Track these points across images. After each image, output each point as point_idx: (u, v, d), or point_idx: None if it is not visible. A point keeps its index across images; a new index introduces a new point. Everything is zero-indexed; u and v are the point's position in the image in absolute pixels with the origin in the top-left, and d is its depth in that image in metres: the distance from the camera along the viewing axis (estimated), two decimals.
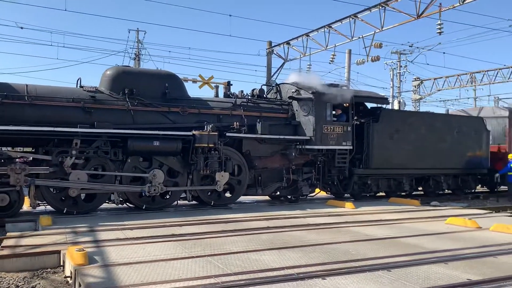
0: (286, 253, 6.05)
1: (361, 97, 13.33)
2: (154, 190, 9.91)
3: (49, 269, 5.91)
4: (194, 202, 11.40)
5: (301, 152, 11.97)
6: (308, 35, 20.33)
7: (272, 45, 22.91)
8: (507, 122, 17.94)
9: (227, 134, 10.80)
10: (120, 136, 9.74)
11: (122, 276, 4.83)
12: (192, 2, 60.82)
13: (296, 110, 12.22)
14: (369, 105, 14.21)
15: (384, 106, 14.04)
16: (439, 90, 31.61)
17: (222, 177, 10.69)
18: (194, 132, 10.19)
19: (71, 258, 5.41)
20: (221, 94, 12.30)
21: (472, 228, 8.50)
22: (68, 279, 5.40)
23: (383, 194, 14.69)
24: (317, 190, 13.15)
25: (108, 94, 10.07)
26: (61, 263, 5.98)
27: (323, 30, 19.28)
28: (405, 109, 29.36)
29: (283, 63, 22.57)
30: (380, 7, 16.34)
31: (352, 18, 17.63)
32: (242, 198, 12.78)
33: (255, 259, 5.70)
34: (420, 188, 15.69)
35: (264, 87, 12.97)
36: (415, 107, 32.61)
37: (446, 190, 15.92)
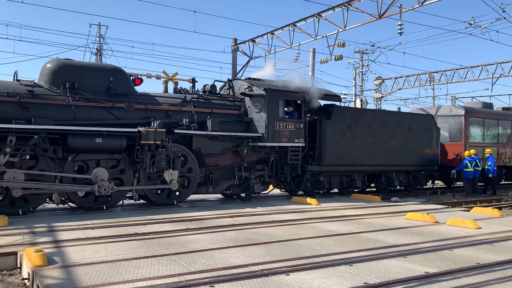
0: (250, 250, 6.08)
1: (313, 93, 13.08)
2: (105, 190, 9.55)
3: (5, 272, 5.70)
4: (142, 201, 11.04)
5: (253, 149, 11.85)
6: (273, 33, 20.43)
7: (238, 42, 22.90)
8: (463, 120, 18.67)
9: (176, 131, 10.51)
10: (60, 132, 9.28)
11: (83, 277, 4.72)
12: None
13: (249, 107, 12.02)
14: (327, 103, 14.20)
15: (337, 103, 14.13)
16: (399, 89, 32.56)
17: (171, 176, 10.41)
18: (140, 128, 9.90)
19: (28, 260, 5.23)
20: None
21: (430, 223, 8.81)
22: (26, 281, 5.22)
23: (336, 190, 14.95)
24: (271, 187, 13.10)
25: (48, 89, 9.60)
26: (18, 265, 5.78)
27: (288, 28, 19.44)
28: (366, 107, 30.05)
29: (248, 61, 22.62)
30: (343, 7, 16.63)
31: (316, 17, 17.86)
32: (205, 196, 12.76)
33: (220, 256, 5.70)
34: (372, 185, 15.90)
35: (217, 83, 12.76)
36: (376, 106, 33.42)
37: (398, 187, 16.19)
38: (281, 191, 14.05)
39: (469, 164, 17.05)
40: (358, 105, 31.07)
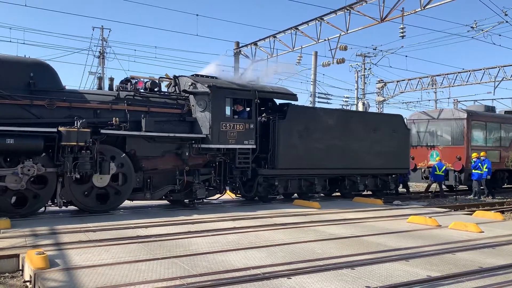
0: (252, 253, 6.07)
1: (265, 92, 12.10)
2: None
3: (7, 274, 5.70)
4: (72, 208, 10.04)
5: (197, 151, 10.86)
6: (275, 36, 20.48)
7: (240, 46, 22.94)
8: (465, 124, 18.65)
9: (102, 131, 9.54)
10: None
11: (84, 279, 4.72)
12: (158, 0, 60.07)
13: (193, 106, 11.02)
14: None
15: (293, 102, 12.96)
16: (401, 92, 32.51)
17: (102, 180, 9.62)
18: (60, 128, 9.00)
19: (30, 262, 5.23)
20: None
21: (432, 226, 8.78)
22: (28, 283, 5.23)
23: (296, 195, 13.76)
24: (228, 192, 12.33)
25: None
26: (20, 267, 5.78)
27: (290, 31, 19.49)
28: (369, 110, 30.03)
29: (251, 64, 22.63)
30: (346, 11, 16.67)
31: (319, 21, 17.91)
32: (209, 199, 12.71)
33: (221, 259, 5.69)
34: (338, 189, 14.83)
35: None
36: (378, 109, 33.40)
37: (366, 191, 15.21)
38: (236, 196, 13.01)
39: (481, 166, 17.14)
40: (361, 108, 31.09)
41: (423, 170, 19.34)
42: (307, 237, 7.36)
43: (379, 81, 33.68)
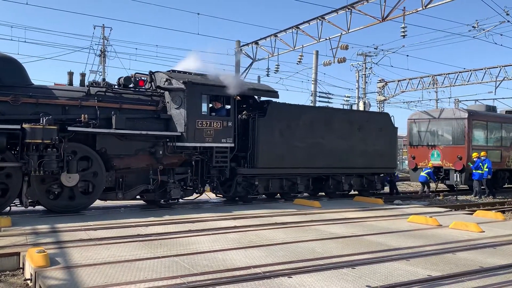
0: (253, 252, 6.07)
1: (244, 89, 11.64)
2: None
3: (7, 272, 5.71)
4: (40, 207, 9.72)
5: (173, 150, 10.51)
6: (276, 36, 20.47)
7: (241, 45, 22.93)
8: (466, 123, 18.63)
9: (69, 128, 9.18)
10: None
11: (85, 278, 4.72)
12: None
13: (168, 102, 10.69)
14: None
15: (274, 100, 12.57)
16: (402, 92, 32.51)
17: (70, 180, 9.28)
18: (24, 125, 8.62)
19: (31, 260, 5.24)
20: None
21: (432, 226, 8.78)
22: (28, 281, 5.23)
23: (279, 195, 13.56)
24: (207, 191, 12.05)
25: None
26: (21, 265, 5.78)
27: (291, 31, 19.48)
28: (369, 109, 30.03)
29: (252, 63, 22.67)
30: (347, 10, 16.65)
31: (320, 20, 17.89)
32: (210, 198, 12.73)
33: (222, 258, 5.69)
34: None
35: (138, 75, 11.44)
36: (379, 108, 33.38)
37: (352, 191, 14.76)
38: (217, 196, 12.64)
39: (482, 165, 17.15)
40: (361, 108, 31.10)
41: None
42: (308, 236, 7.36)
43: (380, 80, 33.68)
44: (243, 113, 12.18)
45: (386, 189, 17.67)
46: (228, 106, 11.44)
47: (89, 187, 9.77)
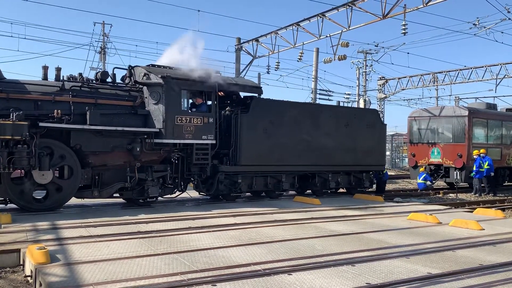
0: (252, 249, 6.08)
1: (226, 84, 11.27)
2: None
3: (8, 269, 5.72)
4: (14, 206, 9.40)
5: (151, 147, 10.23)
6: (276, 33, 20.43)
7: (241, 42, 22.91)
8: (467, 121, 18.61)
9: (41, 124, 8.88)
10: None
11: (85, 275, 4.73)
12: None
13: (146, 98, 10.37)
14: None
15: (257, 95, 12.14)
16: (403, 89, 32.48)
17: (44, 177, 9.03)
18: None
19: (31, 257, 5.25)
20: None
21: (432, 224, 8.78)
22: (29, 278, 5.24)
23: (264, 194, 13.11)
24: (191, 186, 11.69)
25: None
26: (21, 262, 5.79)
27: (291, 28, 19.44)
28: (370, 107, 29.99)
29: (252, 60, 22.64)
30: (347, 7, 16.62)
31: (320, 17, 17.85)
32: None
33: (222, 255, 5.70)
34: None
35: (118, 71, 11.09)
36: (379, 106, 33.37)
37: (341, 189, 14.56)
38: (200, 194, 12.28)
39: (482, 163, 17.14)
40: (362, 105, 31.07)
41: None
42: (308, 233, 7.37)
43: (380, 78, 33.64)
44: (227, 109, 11.85)
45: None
46: (210, 102, 11.14)
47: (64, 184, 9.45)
